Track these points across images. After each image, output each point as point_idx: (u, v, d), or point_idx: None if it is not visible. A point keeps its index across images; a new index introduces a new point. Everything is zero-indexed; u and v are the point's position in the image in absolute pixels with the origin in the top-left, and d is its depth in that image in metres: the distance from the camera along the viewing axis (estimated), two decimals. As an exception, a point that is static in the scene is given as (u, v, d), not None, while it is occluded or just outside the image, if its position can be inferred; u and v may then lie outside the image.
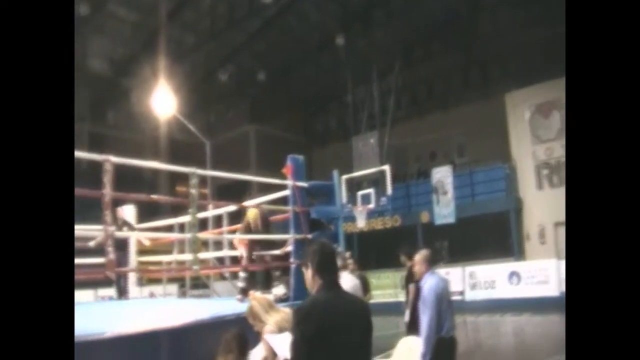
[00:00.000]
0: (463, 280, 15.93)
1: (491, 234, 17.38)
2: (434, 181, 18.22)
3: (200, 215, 6.34)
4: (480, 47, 20.00)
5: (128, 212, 9.25)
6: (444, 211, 17.73)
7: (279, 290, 6.20)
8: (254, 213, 6.69)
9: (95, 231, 6.45)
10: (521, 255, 16.88)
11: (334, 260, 2.47)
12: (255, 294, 4.78)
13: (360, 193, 10.18)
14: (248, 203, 7.20)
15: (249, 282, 6.33)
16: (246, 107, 24.80)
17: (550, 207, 15.59)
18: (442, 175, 18.07)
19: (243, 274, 6.36)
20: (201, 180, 6.20)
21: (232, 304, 5.68)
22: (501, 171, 17.98)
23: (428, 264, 4.84)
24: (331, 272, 2.40)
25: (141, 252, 8.98)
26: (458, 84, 21.92)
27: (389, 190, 11.65)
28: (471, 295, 15.72)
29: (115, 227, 5.49)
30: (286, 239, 6.79)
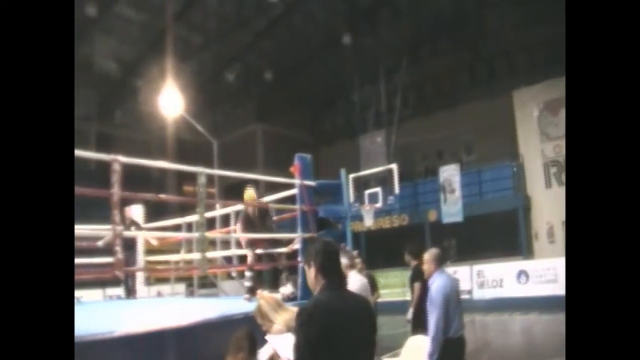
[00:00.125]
0: (471, 279, 15.86)
1: (499, 232, 17.29)
2: (441, 180, 18.15)
3: (207, 215, 6.34)
4: (487, 45, 19.91)
5: (136, 212, 9.28)
6: (452, 210, 17.65)
7: (286, 289, 6.19)
8: (252, 196, 6.61)
9: (104, 231, 6.48)
10: (529, 253, 16.78)
11: (338, 260, 2.43)
12: (264, 293, 4.78)
13: (367, 192, 10.10)
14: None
15: (255, 281, 6.31)
16: (253, 106, 24.82)
17: (559, 206, 15.47)
18: (450, 173, 17.98)
19: (249, 273, 6.35)
20: (209, 180, 6.20)
21: (240, 303, 5.67)
22: (509, 169, 17.89)
23: (437, 262, 4.81)
24: (334, 272, 2.36)
25: (149, 252, 9.00)
26: (465, 82, 21.83)
27: (397, 189, 11.56)
28: (479, 294, 15.65)
29: (123, 227, 5.49)
30: (293, 238, 6.78)
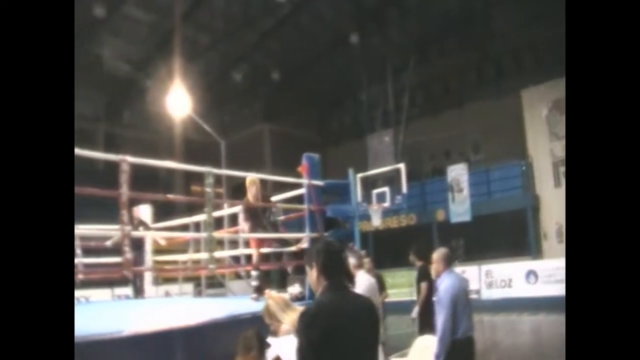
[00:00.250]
0: (479, 279, 15.79)
1: (508, 232, 17.20)
2: (449, 179, 18.08)
3: (215, 214, 6.35)
4: (495, 44, 19.81)
5: (144, 212, 9.31)
6: (460, 209, 17.59)
7: (294, 289, 6.18)
8: (254, 183, 6.57)
9: (112, 231, 6.50)
10: (538, 253, 16.69)
11: (340, 260, 2.40)
12: (272, 293, 4.77)
13: (375, 191, 10.09)
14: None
15: (262, 281, 6.30)
16: (260, 106, 24.84)
17: (568, 205, 15.36)
18: (458, 173, 17.91)
19: (256, 273, 6.34)
20: (216, 180, 6.20)
21: (248, 303, 5.67)
22: (517, 169, 17.78)
23: (446, 262, 4.77)
24: (337, 273, 2.33)
25: (157, 252, 9.03)
26: (473, 81, 21.73)
27: (404, 189, 11.54)
28: (487, 294, 15.59)
29: (131, 227, 5.51)
30: (301, 238, 6.78)
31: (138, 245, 7.59)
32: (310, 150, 7.52)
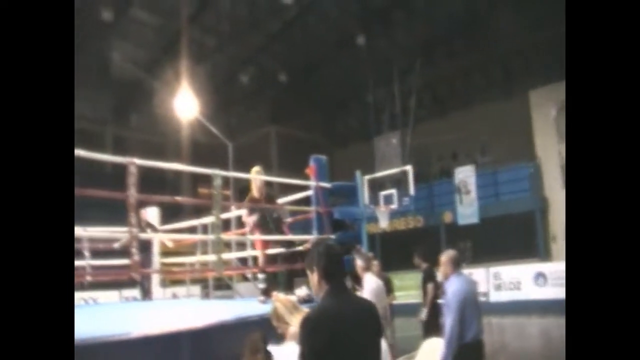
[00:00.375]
0: (487, 281, 15.70)
1: (516, 234, 17.08)
2: (456, 181, 18.01)
3: (222, 216, 6.34)
4: (503, 45, 19.69)
5: (152, 214, 9.33)
6: (467, 211, 17.51)
7: (302, 291, 6.16)
8: (259, 174, 6.50)
9: (120, 233, 6.52)
10: (547, 256, 16.57)
11: (341, 263, 2.37)
12: (279, 295, 4.75)
13: (382, 193, 10.08)
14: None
15: (270, 283, 6.29)
16: (267, 109, 24.84)
17: (577, 207, 15.24)
18: (465, 175, 17.84)
19: (262, 275, 6.33)
20: (224, 182, 6.21)
21: (255, 305, 5.67)
22: (525, 170, 17.66)
23: (454, 264, 4.73)
24: (338, 276, 2.30)
25: (164, 254, 9.05)
26: (480, 82, 21.61)
27: (412, 191, 11.52)
28: (495, 296, 15.49)
29: (139, 229, 5.52)
30: (308, 240, 6.76)
31: (146, 247, 7.63)
32: (317, 153, 7.52)
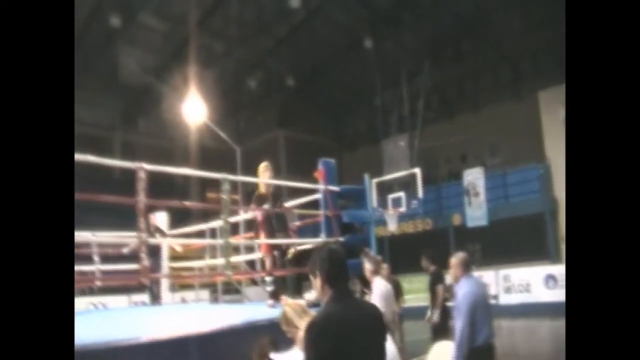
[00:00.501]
0: (497, 284, 15.59)
1: (526, 236, 16.94)
2: (465, 183, 17.90)
3: (231, 220, 6.34)
4: (511, 45, 19.60)
5: (160, 219, 9.35)
6: (476, 213, 17.40)
7: (311, 295, 6.13)
8: (268, 168, 6.46)
9: (129, 238, 6.53)
10: (558, 258, 16.41)
11: (345, 267, 2.34)
12: (288, 300, 4.73)
13: (391, 196, 10.07)
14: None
15: (279, 285, 6.26)
16: (275, 113, 24.88)
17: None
18: (474, 177, 17.73)
19: (270, 278, 6.29)
20: (232, 186, 6.20)
21: (264, 310, 5.66)
22: (535, 172, 17.52)
23: (464, 267, 4.69)
24: (342, 281, 2.27)
25: (173, 258, 9.06)
26: (489, 84, 21.52)
27: (420, 193, 11.50)
28: (505, 299, 15.37)
29: (148, 234, 5.52)
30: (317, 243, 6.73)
31: (155, 252, 7.63)
32: (326, 156, 7.51)
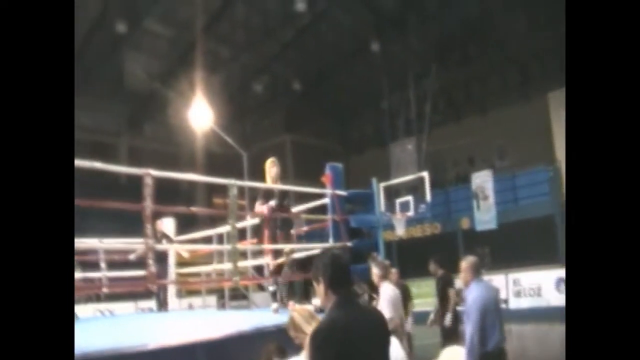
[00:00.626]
0: (506, 288, 15.44)
1: (536, 239, 16.76)
2: (474, 186, 17.75)
3: (238, 226, 6.30)
4: (518, 47, 19.48)
5: (167, 225, 9.34)
6: (485, 217, 17.25)
7: (318, 301, 6.06)
8: (274, 164, 6.37)
9: (136, 244, 6.52)
10: (569, 261, 16.24)
11: (348, 273, 2.34)
12: (296, 305, 4.69)
13: (398, 200, 9.98)
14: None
15: (280, 290, 6.20)
16: (281, 117, 24.87)
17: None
18: (483, 180, 17.59)
19: (272, 287, 6.21)
20: (239, 191, 6.18)
21: (272, 316, 5.64)
22: (545, 174, 17.34)
23: (474, 271, 4.66)
24: (345, 286, 2.27)
25: (180, 264, 9.03)
26: (496, 86, 21.42)
27: (428, 197, 11.42)
28: (515, 303, 15.22)
29: (155, 240, 5.50)
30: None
31: (161, 258, 7.61)
32: (333, 160, 7.48)
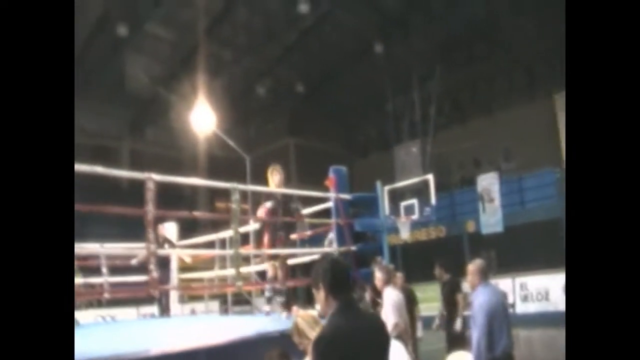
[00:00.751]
0: (513, 292, 15.30)
1: (543, 242, 16.58)
2: (479, 189, 17.62)
3: (241, 230, 6.23)
4: (524, 47, 19.36)
5: (169, 230, 9.27)
6: (491, 220, 17.11)
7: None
8: (277, 171, 6.29)
9: (138, 249, 6.45)
10: (576, 264, 16.08)
11: (348, 277, 2.34)
12: (299, 311, 4.62)
13: (403, 204, 9.91)
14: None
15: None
16: (285, 121, 24.81)
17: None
18: (488, 182, 17.45)
19: (268, 287, 6.17)
20: (242, 195, 6.11)
21: (275, 321, 5.57)
22: (552, 176, 17.16)
23: (481, 275, 4.60)
24: (346, 291, 2.26)
25: (182, 269, 8.97)
26: (501, 87, 21.30)
27: (433, 200, 11.34)
28: (522, 307, 15.07)
29: (157, 245, 5.43)
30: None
31: (164, 263, 7.53)
32: (337, 164, 7.41)
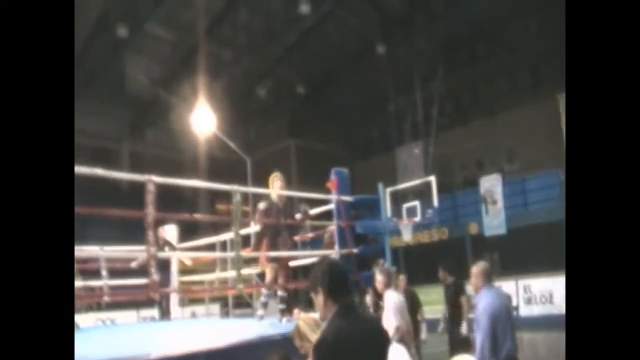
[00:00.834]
0: (517, 295, 15.20)
1: (546, 244, 16.47)
2: (482, 190, 17.53)
3: (242, 232, 6.18)
4: (527, 48, 19.28)
5: (170, 232, 9.21)
6: (494, 222, 17.01)
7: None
8: (278, 178, 6.24)
9: (138, 252, 6.40)
10: (580, 266, 15.98)
11: (347, 280, 2.32)
12: (301, 314, 4.58)
13: (405, 206, 9.85)
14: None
15: (289, 301, 6.09)
16: (286, 122, 24.78)
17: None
18: (491, 184, 17.36)
19: (265, 291, 6.09)
20: (243, 197, 6.06)
21: (276, 324, 5.56)
22: (555, 177, 17.08)
23: (485, 277, 4.53)
24: (345, 294, 2.24)
25: (183, 272, 8.92)
26: (504, 87, 21.24)
27: (435, 202, 11.28)
28: (526, 310, 14.98)
29: (157, 248, 5.38)
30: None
31: (164, 266, 7.47)
32: (338, 165, 7.37)
